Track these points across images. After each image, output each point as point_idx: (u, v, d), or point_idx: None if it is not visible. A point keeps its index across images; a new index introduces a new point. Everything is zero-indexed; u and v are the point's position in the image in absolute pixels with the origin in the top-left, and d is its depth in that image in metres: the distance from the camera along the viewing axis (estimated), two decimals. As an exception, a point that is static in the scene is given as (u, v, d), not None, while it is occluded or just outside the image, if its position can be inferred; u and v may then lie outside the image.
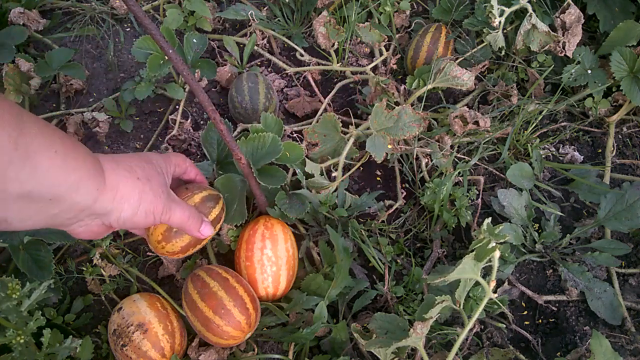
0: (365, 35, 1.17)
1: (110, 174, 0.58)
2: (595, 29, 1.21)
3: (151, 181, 0.63)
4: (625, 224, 0.93)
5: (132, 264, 0.91)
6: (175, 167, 0.74)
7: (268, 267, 0.82)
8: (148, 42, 1.02)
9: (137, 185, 0.61)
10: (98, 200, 0.56)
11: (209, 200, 0.80)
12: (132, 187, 0.60)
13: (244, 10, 1.24)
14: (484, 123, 1.02)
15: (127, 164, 0.61)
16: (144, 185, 0.62)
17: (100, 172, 0.56)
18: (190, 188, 0.79)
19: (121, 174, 0.59)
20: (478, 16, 1.14)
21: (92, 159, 0.55)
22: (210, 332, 0.75)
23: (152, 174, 0.64)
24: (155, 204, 0.63)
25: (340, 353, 0.81)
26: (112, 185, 0.58)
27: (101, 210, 0.57)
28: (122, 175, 0.59)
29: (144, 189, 0.61)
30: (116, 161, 0.60)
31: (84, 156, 0.53)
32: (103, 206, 0.57)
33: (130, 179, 0.60)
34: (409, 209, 1.01)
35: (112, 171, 0.58)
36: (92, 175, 0.54)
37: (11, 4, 1.22)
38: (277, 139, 0.88)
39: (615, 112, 1.13)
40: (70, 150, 0.51)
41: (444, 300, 0.68)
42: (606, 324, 0.90)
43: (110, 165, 0.58)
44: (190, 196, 0.78)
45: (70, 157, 0.50)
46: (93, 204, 0.55)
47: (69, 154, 0.50)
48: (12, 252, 0.80)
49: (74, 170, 0.51)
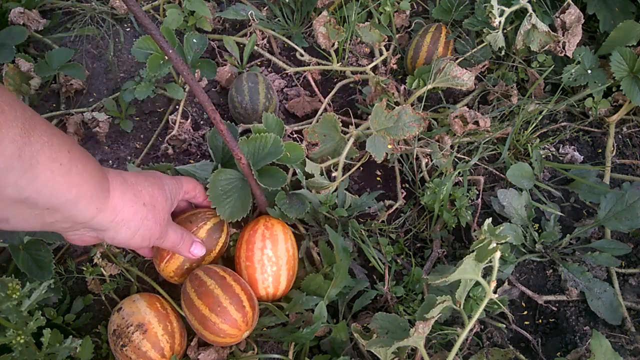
0: (365, 35, 1.17)
1: (116, 195, 0.57)
2: (595, 29, 1.21)
3: (156, 208, 0.63)
4: (625, 224, 0.93)
5: (132, 264, 0.91)
6: (185, 193, 0.75)
7: (268, 267, 0.82)
8: (148, 42, 1.02)
9: (141, 211, 0.60)
10: (97, 218, 0.55)
11: (215, 232, 0.85)
12: (134, 213, 0.59)
13: (244, 10, 1.24)
14: (484, 123, 1.02)
15: (136, 188, 0.61)
16: (148, 212, 0.61)
17: (105, 191, 0.55)
18: (194, 221, 0.83)
19: (127, 197, 0.59)
20: (478, 16, 1.14)
21: (99, 176, 0.54)
22: (207, 330, 0.75)
23: (159, 200, 0.64)
24: (153, 230, 0.63)
25: (340, 353, 0.81)
26: (115, 207, 0.57)
27: (98, 227, 0.57)
28: (128, 199, 0.59)
29: (147, 216, 0.61)
30: (126, 182, 0.60)
31: (91, 172, 0.53)
32: (101, 224, 0.57)
33: (136, 205, 0.60)
34: (409, 209, 1.01)
35: (118, 193, 0.57)
36: (95, 194, 0.53)
37: (11, 4, 1.22)
38: (279, 140, 0.88)
39: (615, 112, 1.13)
40: (76, 164, 0.50)
41: (445, 300, 0.68)
42: (606, 324, 0.90)
43: (118, 187, 0.58)
44: (195, 232, 0.82)
45: (75, 172, 0.50)
46: (90, 221, 0.55)
47: (73, 168, 0.49)
48: (12, 252, 0.80)
49: (76, 185, 0.50)
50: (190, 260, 0.83)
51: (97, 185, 0.54)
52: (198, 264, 0.84)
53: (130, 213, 0.59)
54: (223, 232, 0.86)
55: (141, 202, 0.60)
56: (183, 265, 0.83)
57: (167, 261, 0.82)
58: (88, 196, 0.52)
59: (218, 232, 0.85)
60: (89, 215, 0.54)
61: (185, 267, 0.83)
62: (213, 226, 0.84)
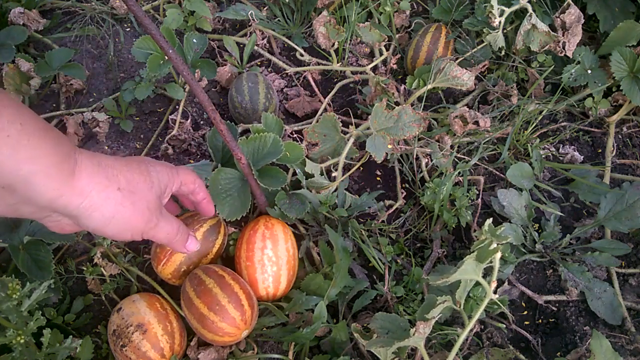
0: (365, 35, 1.17)
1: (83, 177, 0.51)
2: (595, 29, 1.21)
3: (135, 194, 0.56)
4: (625, 224, 0.93)
5: (132, 264, 0.91)
6: (181, 185, 0.67)
7: (269, 267, 0.82)
8: (148, 42, 1.02)
9: (115, 196, 0.54)
10: (60, 201, 0.49)
11: (211, 234, 0.85)
12: (105, 198, 0.53)
13: (244, 10, 1.24)
14: (484, 123, 1.02)
15: (111, 171, 0.54)
16: (124, 198, 0.55)
17: (67, 172, 0.49)
18: (190, 224, 0.83)
19: (97, 180, 0.52)
20: (478, 16, 1.14)
21: (61, 154, 0.48)
22: (205, 328, 0.75)
23: (139, 186, 0.57)
24: (133, 220, 0.56)
25: (340, 353, 0.81)
26: (82, 191, 0.51)
27: (66, 213, 0.51)
28: (97, 182, 0.52)
29: (122, 202, 0.54)
30: (99, 164, 0.53)
31: (49, 149, 0.47)
32: (68, 209, 0.51)
33: (108, 189, 0.53)
34: (409, 209, 1.01)
35: (86, 175, 0.51)
36: (52, 174, 0.47)
37: (11, 4, 1.22)
38: (279, 140, 0.88)
39: (615, 112, 1.13)
40: (28, 138, 0.44)
41: (445, 300, 0.68)
42: (606, 324, 0.90)
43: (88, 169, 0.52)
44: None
45: (25, 147, 0.44)
46: (53, 204, 0.49)
47: (23, 141, 0.44)
48: (11, 252, 0.80)
49: (26, 161, 0.45)
50: (187, 262, 0.83)
51: (56, 164, 0.48)
52: (195, 266, 0.84)
53: (100, 198, 0.52)
54: (220, 233, 0.86)
55: (115, 186, 0.54)
56: (180, 268, 0.83)
57: (164, 264, 0.82)
58: (43, 175, 0.47)
59: (215, 234, 0.85)
60: (48, 197, 0.48)
61: (182, 270, 0.83)
62: (209, 228, 0.84)
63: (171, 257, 0.82)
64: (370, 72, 1.16)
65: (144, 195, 0.58)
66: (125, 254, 0.93)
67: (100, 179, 0.53)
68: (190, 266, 0.83)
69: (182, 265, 0.83)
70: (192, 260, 0.83)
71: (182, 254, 0.82)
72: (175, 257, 0.82)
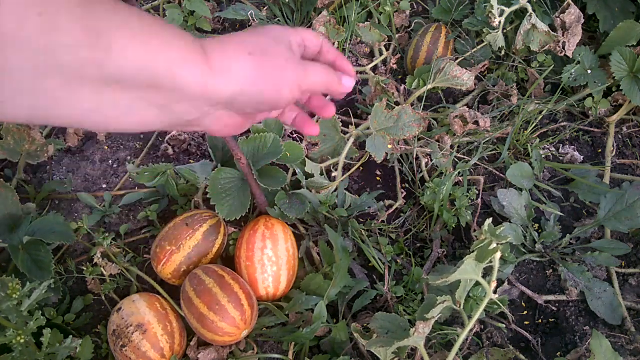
0: (365, 35, 1.17)
1: (216, 56, 0.48)
2: (595, 29, 1.21)
3: (268, 52, 0.53)
4: (625, 224, 0.93)
5: (132, 264, 0.91)
6: (306, 41, 0.59)
7: (269, 267, 0.82)
8: (148, 42, 1.01)
9: (253, 61, 0.51)
10: (209, 85, 0.47)
11: (211, 234, 0.85)
12: (244, 63, 0.50)
13: (244, 10, 1.24)
14: (484, 123, 1.02)
15: (235, 41, 0.51)
16: (260, 59, 0.52)
17: (200, 52, 0.47)
18: (190, 224, 0.83)
19: (228, 55, 0.50)
20: (478, 16, 1.14)
21: (186, 38, 0.47)
22: (205, 328, 0.75)
23: (266, 44, 0.54)
24: (280, 73, 0.53)
25: (340, 353, 0.81)
26: (221, 67, 0.49)
27: (218, 98, 0.49)
28: (229, 57, 0.50)
29: (262, 63, 0.52)
30: (220, 41, 0.51)
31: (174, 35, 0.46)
32: (218, 93, 0.48)
33: (242, 57, 0.50)
34: (409, 209, 1.01)
35: (217, 51, 0.49)
36: (189, 58, 0.46)
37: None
38: (279, 140, 0.88)
39: (615, 112, 1.13)
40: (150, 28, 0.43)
41: (445, 300, 0.68)
42: (606, 324, 0.90)
43: (215, 47, 0.49)
44: (192, 234, 0.82)
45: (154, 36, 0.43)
46: (204, 90, 0.47)
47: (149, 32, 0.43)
48: (11, 253, 0.80)
49: (160, 51, 0.44)
50: (187, 262, 0.83)
51: (188, 46, 0.46)
52: (195, 266, 0.84)
53: (239, 64, 0.50)
54: (220, 234, 0.86)
55: (245, 52, 0.51)
56: (180, 268, 0.83)
57: (164, 264, 0.82)
58: (181, 60, 0.45)
59: (215, 234, 0.85)
60: (195, 81, 0.46)
61: (182, 270, 0.83)
62: (209, 228, 0.85)
63: (171, 257, 0.82)
64: (370, 72, 1.16)
65: (277, 50, 0.55)
66: (125, 254, 0.93)
67: (231, 53, 0.50)
68: (190, 266, 0.83)
69: (182, 265, 0.83)
70: (192, 260, 0.84)
71: (181, 255, 0.82)
72: (175, 257, 0.82)
